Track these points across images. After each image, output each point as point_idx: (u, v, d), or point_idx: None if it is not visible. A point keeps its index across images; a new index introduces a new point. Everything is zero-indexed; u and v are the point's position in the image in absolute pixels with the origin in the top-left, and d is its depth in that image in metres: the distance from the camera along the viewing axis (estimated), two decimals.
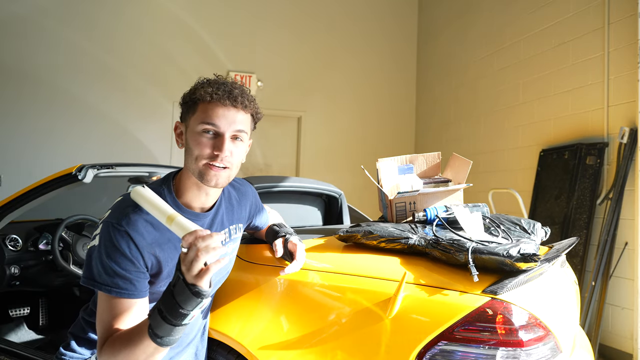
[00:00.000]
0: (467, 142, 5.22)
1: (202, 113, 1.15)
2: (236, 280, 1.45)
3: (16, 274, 2.28)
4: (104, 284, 1.08)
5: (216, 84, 1.18)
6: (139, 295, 1.11)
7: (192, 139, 1.16)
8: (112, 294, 1.08)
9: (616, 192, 3.32)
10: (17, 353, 1.96)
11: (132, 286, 1.10)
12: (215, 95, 1.14)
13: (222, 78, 1.22)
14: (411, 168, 1.87)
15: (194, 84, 1.22)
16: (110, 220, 1.11)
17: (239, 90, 1.17)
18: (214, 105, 1.14)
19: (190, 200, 1.21)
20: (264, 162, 5.83)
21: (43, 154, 4.87)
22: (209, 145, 1.14)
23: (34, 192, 2.05)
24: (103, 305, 1.10)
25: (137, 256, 1.10)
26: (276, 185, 2.03)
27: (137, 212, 1.12)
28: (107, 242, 1.09)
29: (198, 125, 1.14)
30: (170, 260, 1.17)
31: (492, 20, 4.89)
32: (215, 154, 1.13)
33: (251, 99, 1.20)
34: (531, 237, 1.50)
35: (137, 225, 1.11)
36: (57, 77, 5.00)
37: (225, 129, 1.14)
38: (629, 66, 3.32)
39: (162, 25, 5.40)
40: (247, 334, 1.37)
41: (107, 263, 1.08)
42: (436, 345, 1.14)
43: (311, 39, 5.91)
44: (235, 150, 1.16)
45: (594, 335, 3.34)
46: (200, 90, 1.16)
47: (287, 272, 1.33)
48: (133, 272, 1.10)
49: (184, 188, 1.21)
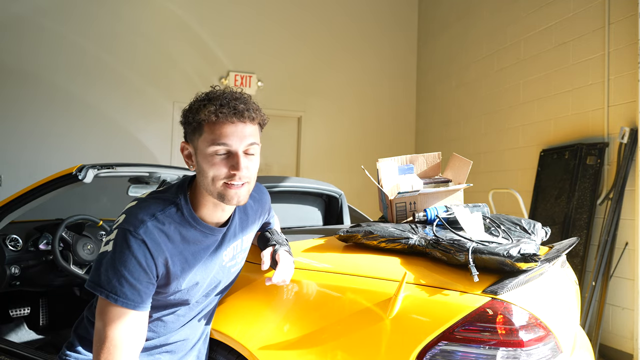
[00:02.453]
0: (467, 142, 5.22)
1: (210, 134, 1.10)
2: (237, 281, 1.45)
3: (16, 274, 2.27)
4: (111, 292, 1.06)
5: (217, 100, 1.11)
6: (143, 308, 1.10)
7: (204, 161, 1.12)
8: (117, 304, 1.06)
9: (616, 192, 3.32)
10: (17, 353, 1.96)
11: (139, 297, 1.08)
12: (221, 114, 1.09)
13: (220, 90, 1.16)
14: (411, 168, 1.87)
15: (193, 100, 1.16)
16: (127, 227, 1.08)
17: (243, 104, 1.12)
18: (221, 124, 1.10)
19: (206, 215, 1.19)
20: (264, 162, 5.83)
21: (43, 154, 4.87)
22: (223, 164, 1.11)
23: (34, 192, 2.05)
24: (103, 315, 1.07)
25: (151, 266, 1.09)
26: (276, 185, 2.03)
27: (153, 220, 1.10)
28: (123, 249, 1.06)
29: (209, 148, 1.10)
30: (179, 272, 1.15)
31: (492, 20, 4.89)
32: (232, 174, 1.11)
33: (256, 108, 1.15)
34: (531, 237, 1.50)
35: (154, 234, 1.09)
36: (57, 77, 5.00)
37: (237, 146, 1.11)
38: (629, 66, 3.32)
39: (163, 25, 5.40)
40: (248, 334, 1.37)
41: (119, 270, 1.06)
42: (436, 345, 1.14)
43: (311, 39, 5.91)
44: (250, 164, 1.14)
45: (594, 335, 3.34)
46: (203, 111, 1.10)
47: (271, 283, 1.30)
48: (144, 283, 1.08)
49: (200, 203, 1.18)
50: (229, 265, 1.30)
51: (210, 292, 1.30)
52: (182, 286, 1.17)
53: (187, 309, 1.27)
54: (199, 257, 1.19)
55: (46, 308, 2.73)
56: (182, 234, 1.15)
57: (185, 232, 1.15)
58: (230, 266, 1.31)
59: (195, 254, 1.17)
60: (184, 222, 1.16)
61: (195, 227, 1.17)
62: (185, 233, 1.15)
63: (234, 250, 1.30)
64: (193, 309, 1.28)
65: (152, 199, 1.17)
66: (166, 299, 1.18)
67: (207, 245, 1.20)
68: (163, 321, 1.26)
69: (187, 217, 1.16)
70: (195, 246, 1.17)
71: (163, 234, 1.11)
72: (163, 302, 1.19)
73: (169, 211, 1.14)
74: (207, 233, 1.18)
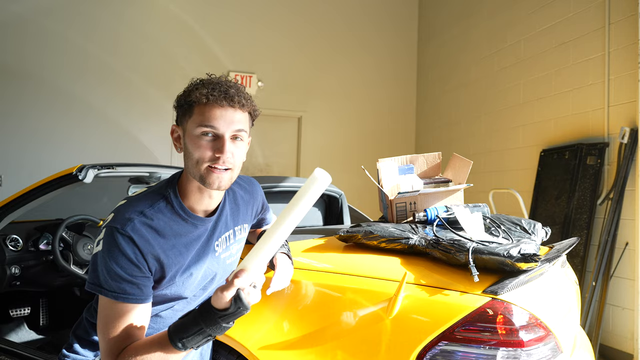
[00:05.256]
0: (467, 142, 5.22)
1: (199, 116, 1.12)
2: None
3: (17, 274, 2.28)
4: (110, 290, 1.06)
5: (210, 84, 1.13)
6: (146, 299, 1.10)
7: (191, 143, 1.13)
8: (118, 300, 1.06)
9: (617, 192, 3.32)
10: (17, 353, 1.96)
11: (139, 290, 1.08)
12: (212, 96, 1.11)
13: (216, 77, 1.18)
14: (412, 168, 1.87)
15: (187, 85, 1.18)
16: (114, 225, 1.09)
17: (234, 89, 1.14)
18: (210, 106, 1.11)
19: (194, 203, 1.19)
20: (264, 162, 5.83)
21: (44, 155, 4.87)
22: (209, 147, 1.11)
23: (34, 192, 2.05)
24: (108, 313, 1.08)
25: (142, 261, 1.09)
26: (276, 185, 2.03)
27: (141, 217, 1.11)
28: (111, 247, 1.07)
29: (196, 129, 1.12)
30: (173, 265, 1.15)
31: (492, 20, 4.89)
32: (217, 157, 1.11)
33: (247, 97, 1.17)
34: (532, 238, 1.50)
35: (141, 231, 1.09)
36: (59, 78, 5.01)
37: (225, 130, 1.12)
38: (630, 66, 3.32)
39: (164, 25, 5.40)
40: (248, 334, 1.37)
41: (112, 269, 1.06)
42: (437, 345, 1.14)
43: (312, 39, 5.91)
44: (236, 150, 1.15)
45: (594, 335, 3.34)
46: (195, 93, 1.13)
47: (271, 291, 1.29)
48: (139, 277, 1.09)
49: (187, 192, 1.19)
50: (223, 257, 1.29)
51: (208, 285, 1.29)
52: (176, 278, 1.17)
53: (185, 304, 1.27)
54: (191, 248, 1.19)
55: (46, 308, 2.73)
56: (173, 227, 1.15)
57: (176, 225, 1.16)
58: (225, 257, 1.30)
59: (187, 245, 1.18)
60: (174, 214, 1.16)
61: (186, 219, 1.17)
62: (175, 226, 1.16)
63: (227, 241, 1.30)
64: (191, 303, 1.28)
65: (142, 195, 1.18)
66: (162, 292, 1.18)
67: (198, 235, 1.20)
68: (161, 317, 1.26)
69: (177, 209, 1.16)
70: (186, 237, 1.18)
71: (152, 229, 1.11)
72: (160, 297, 1.19)
73: (158, 206, 1.15)
74: (197, 224, 1.19)
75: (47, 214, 2.57)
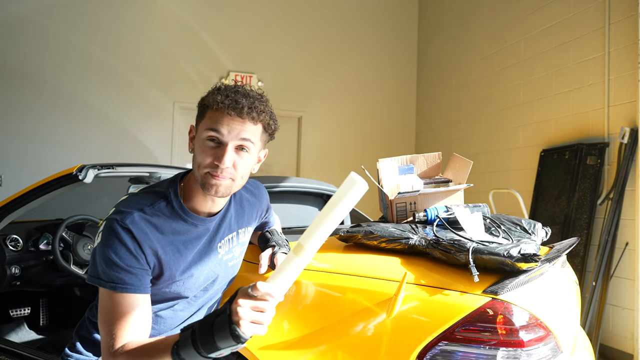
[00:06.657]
0: (467, 142, 5.22)
1: (208, 120, 1.12)
2: (236, 281, 1.45)
3: (17, 274, 2.28)
4: (108, 281, 1.07)
5: (226, 91, 1.13)
6: (144, 290, 1.10)
7: (198, 145, 1.14)
8: (117, 291, 1.07)
9: (617, 193, 3.32)
10: (17, 353, 1.96)
11: (138, 281, 1.08)
12: (222, 104, 1.11)
13: (240, 86, 1.17)
14: (412, 168, 1.87)
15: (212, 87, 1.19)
16: (114, 217, 1.10)
17: (248, 101, 1.12)
18: (220, 113, 1.11)
19: (197, 205, 1.19)
20: (264, 162, 5.82)
21: (45, 155, 4.87)
22: (211, 154, 1.11)
23: (34, 192, 2.05)
24: (107, 304, 1.08)
25: (140, 253, 1.09)
26: (276, 185, 2.03)
27: (141, 212, 1.11)
28: (110, 238, 1.08)
29: (204, 132, 1.12)
30: (172, 262, 1.15)
31: (492, 20, 4.89)
32: (215, 164, 1.11)
33: (262, 110, 1.15)
34: (532, 238, 1.50)
35: (141, 224, 1.10)
36: (61, 79, 5.02)
37: (228, 138, 1.11)
38: (630, 66, 3.32)
39: (164, 27, 5.41)
40: None
41: (111, 259, 1.07)
42: (437, 345, 1.14)
43: (312, 38, 5.91)
44: (239, 161, 1.13)
45: (594, 335, 3.34)
46: (211, 97, 1.13)
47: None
48: (137, 269, 1.09)
49: (191, 192, 1.19)
50: (225, 259, 1.29)
51: (209, 287, 1.29)
52: (176, 277, 1.17)
53: (186, 304, 1.27)
54: (191, 247, 1.19)
55: (46, 308, 2.73)
56: (172, 225, 1.16)
57: (175, 224, 1.16)
58: (227, 260, 1.30)
59: (186, 243, 1.18)
60: (174, 215, 1.16)
61: (186, 219, 1.17)
62: (174, 225, 1.16)
63: (230, 243, 1.30)
64: (192, 303, 1.28)
65: (143, 193, 1.18)
66: (162, 290, 1.18)
67: (198, 235, 1.20)
68: (160, 317, 1.25)
69: (177, 209, 1.16)
70: (185, 236, 1.18)
71: (151, 224, 1.12)
72: (160, 295, 1.19)
73: (159, 205, 1.15)
74: (197, 223, 1.19)
75: (47, 214, 2.57)
